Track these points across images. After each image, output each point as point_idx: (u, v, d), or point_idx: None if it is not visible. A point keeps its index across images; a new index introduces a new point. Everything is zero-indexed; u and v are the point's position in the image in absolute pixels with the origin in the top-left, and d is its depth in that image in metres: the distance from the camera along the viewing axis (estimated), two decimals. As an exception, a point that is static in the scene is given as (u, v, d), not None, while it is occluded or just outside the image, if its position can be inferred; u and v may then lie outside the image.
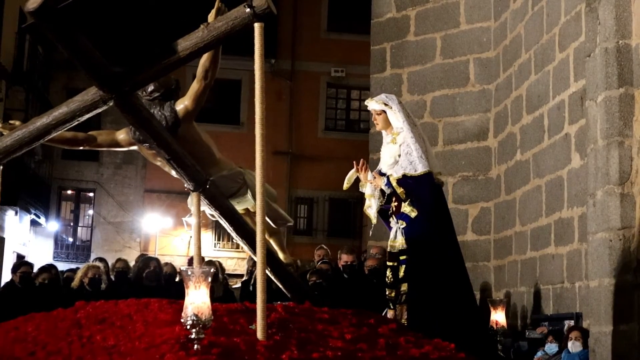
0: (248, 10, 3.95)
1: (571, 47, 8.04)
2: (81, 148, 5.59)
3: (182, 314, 3.41)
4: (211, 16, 4.73)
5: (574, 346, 6.73)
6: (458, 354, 4.18)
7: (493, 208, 10.18)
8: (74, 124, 4.53)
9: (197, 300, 3.41)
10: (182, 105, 5.28)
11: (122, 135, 5.43)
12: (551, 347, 7.33)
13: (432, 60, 10.68)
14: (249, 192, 5.59)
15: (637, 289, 5.78)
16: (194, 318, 3.37)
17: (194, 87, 5.26)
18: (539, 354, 7.45)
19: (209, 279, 3.46)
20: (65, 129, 4.63)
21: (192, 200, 5.46)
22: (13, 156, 4.78)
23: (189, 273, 3.43)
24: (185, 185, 5.09)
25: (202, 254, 10.65)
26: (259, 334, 3.65)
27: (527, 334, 8.26)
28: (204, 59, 5.08)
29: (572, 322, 7.62)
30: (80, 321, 4.02)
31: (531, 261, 8.98)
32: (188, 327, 3.37)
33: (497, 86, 10.24)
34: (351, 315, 4.36)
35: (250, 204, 5.73)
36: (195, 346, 3.35)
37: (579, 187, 7.66)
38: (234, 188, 5.54)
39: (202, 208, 5.37)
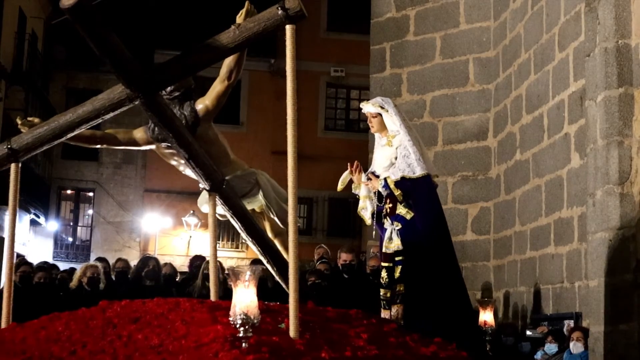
0: (281, 12, 3.95)
1: (571, 46, 8.04)
2: (98, 146, 5.60)
3: (230, 313, 3.39)
4: (240, 17, 4.70)
5: (575, 347, 6.73)
6: (460, 352, 4.22)
7: (493, 208, 10.18)
8: (98, 122, 4.53)
9: (246, 299, 3.39)
10: (202, 104, 5.26)
11: (139, 133, 5.43)
12: (551, 347, 7.33)
13: (432, 60, 10.68)
14: (260, 192, 5.61)
15: (636, 289, 5.77)
16: (244, 317, 3.35)
17: (217, 87, 5.24)
18: (539, 354, 7.45)
19: (258, 279, 3.46)
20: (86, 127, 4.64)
21: (202, 200, 5.46)
22: (33, 153, 4.81)
23: (239, 272, 3.41)
24: (201, 185, 5.08)
25: (202, 254, 10.70)
26: (292, 333, 3.64)
27: (528, 333, 8.27)
28: (229, 59, 5.06)
29: (571, 322, 7.63)
30: (113, 320, 3.99)
31: (531, 261, 8.97)
32: (237, 325, 3.36)
33: (496, 86, 10.23)
34: (355, 315, 4.38)
35: (258, 204, 5.74)
36: (243, 344, 3.34)
37: (579, 186, 7.66)
38: (246, 188, 5.56)
39: (205, 208, 5.38)
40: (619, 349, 5.79)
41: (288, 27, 3.96)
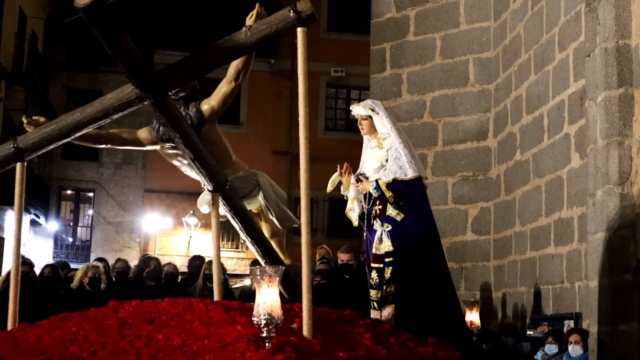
0: (293, 14, 3.98)
1: (571, 47, 8.04)
2: (103, 146, 5.60)
3: (254, 312, 3.38)
4: (250, 19, 4.69)
5: (574, 350, 6.72)
6: (454, 352, 4.26)
7: (493, 208, 10.18)
8: (106, 122, 4.53)
9: (270, 299, 3.38)
10: (207, 105, 5.26)
11: (143, 134, 5.43)
12: (551, 348, 7.32)
13: (432, 60, 10.68)
14: (260, 193, 5.62)
15: (636, 289, 5.79)
16: (268, 317, 3.35)
17: (223, 87, 5.24)
18: (539, 354, 7.45)
19: (280, 279, 3.44)
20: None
21: (201, 200, 5.46)
22: (39, 152, 4.81)
23: (262, 272, 3.40)
24: (204, 185, 5.08)
25: (202, 254, 10.68)
26: (306, 333, 3.64)
27: (529, 333, 8.27)
28: (237, 60, 5.06)
29: (571, 322, 7.63)
30: (127, 320, 3.97)
31: (531, 261, 8.98)
32: (261, 325, 3.35)
33: (496, 86, 10.24)
34: (350, 316, 4.39)
35: (256, 205, 5.75)
36: (267, 344, 3.34)
37: (579, 187, 7.66)
38: (247, 189, 5.58)
39: (205, 208, 5.39)
40: (619, 350, 5.80)
41: (299, 30, 3.98)
